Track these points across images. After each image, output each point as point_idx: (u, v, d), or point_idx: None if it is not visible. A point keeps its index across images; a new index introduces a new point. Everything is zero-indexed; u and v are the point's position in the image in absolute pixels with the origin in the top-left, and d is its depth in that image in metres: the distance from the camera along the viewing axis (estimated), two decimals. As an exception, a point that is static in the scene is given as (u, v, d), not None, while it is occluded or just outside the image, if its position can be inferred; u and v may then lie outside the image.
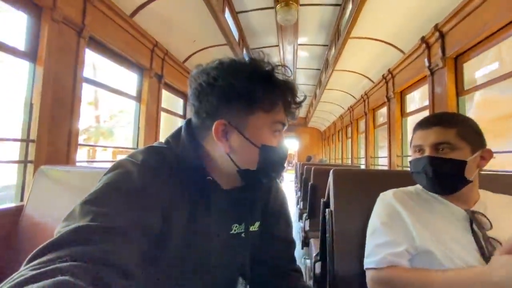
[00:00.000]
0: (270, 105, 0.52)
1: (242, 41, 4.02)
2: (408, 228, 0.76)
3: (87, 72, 1.90)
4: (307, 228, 2.26)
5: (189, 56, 3.28)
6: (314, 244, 1.71)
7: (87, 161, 2.62)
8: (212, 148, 0.55)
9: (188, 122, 0.60)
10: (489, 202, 0.77)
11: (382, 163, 4.25)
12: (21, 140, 1.50)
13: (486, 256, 0.67)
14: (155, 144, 0.59)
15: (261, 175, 0.56)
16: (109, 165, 0.52)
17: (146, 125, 2.62)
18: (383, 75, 3.41)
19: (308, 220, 2.24)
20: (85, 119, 2.18)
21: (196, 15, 2.60)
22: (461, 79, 2.05)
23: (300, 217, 2.82)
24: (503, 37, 1.62)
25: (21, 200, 1.51)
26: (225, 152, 0.53)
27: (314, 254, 1.45)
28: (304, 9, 3.29)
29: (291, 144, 12.36)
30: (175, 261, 0.51)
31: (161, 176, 0.49)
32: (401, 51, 2.79)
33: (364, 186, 1.04)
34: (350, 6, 2.74)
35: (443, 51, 2.10)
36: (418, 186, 0.88)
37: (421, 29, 2.30)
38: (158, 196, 0.47)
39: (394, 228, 0.77)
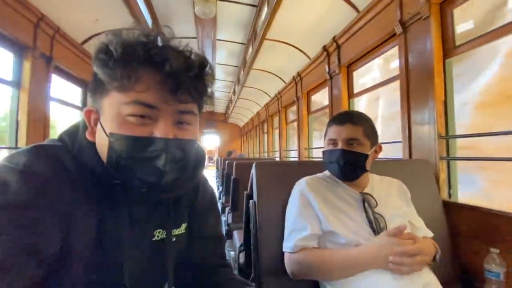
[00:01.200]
0: (126, 81, 0.40)
1: (156, 27, 3.69)
2: (316, 212, 0.90)
3: None
4: (230, 221, 2.31)
5: (90, 38, 2.78)
6: (238, 236, 1.78)
7: None
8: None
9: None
10: (375, 184, 0.99)
11: (293, 156, 4.77)
12: None
13: (374, 229, 0.86)
14: (45, 142, 0.47)
15: (119, 175, 0.44)
16: None
17: (29, 118, 2.08)
18: (293, 77, 3.80)
19: (231, 213, 2.30)
20: None
21: (98, -10, 2.22)
22: (351, 84, 2.50)
23: (223, 211, 2.86)
24: (379, 52, 2.07)
25: None
26: (91, 140, 0.46)
27: (238, 245, 1.51)
28: (223, 4, 3.29)
29: (212, 140, 12.29)
30: (83, 280, 0.43)
31: (52, 183, 0.40)
32: (308, 56, 3.17)
33: (283, 176, 1.15)
34: (265, 9, 2.92)
35: (339, 60, 2.51)
36: (326, 173, 1.04)
37: (323, 38, 2.67)
38: (50, 209, 0.38)
39: (304, 215, 0.91)
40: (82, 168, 0.44)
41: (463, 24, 1.43)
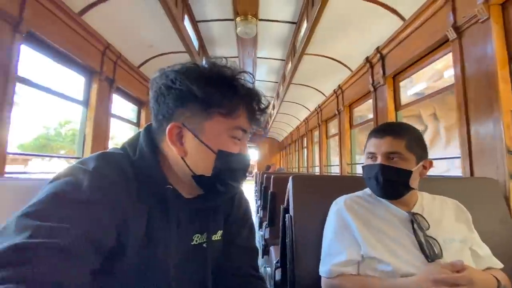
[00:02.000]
0: (229, 110, 0.51)
1: (202, 50, 4.00)
2: (355, 237, 0.82)
3: (23, 71, 1.68)
4: (267, 236, 2.27)
5: (145, 61, 3.13)
6: (274, 252, 1.73)
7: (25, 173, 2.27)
8: (168, 153, 0.53)
9: (148, 128, 0.57)
10: (425, 204, 0.88)
11: (334, 171, 4.56)
12: None
13: (427, 254, 0.75)
14: (110, 150, 0.54)
15: (217, 182, 0.53)
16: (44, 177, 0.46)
17: (93, 132, 2.39)
18: (334, 90, 3.71)
19: (268, 228, 2.26)
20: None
21: (153, 19, 2.51)
22: (398, 95, 2.34)
23: (260, 226, 2.84)
24: (426, 62, 1.92)
25: None
26: (179, 155, 0.52)
27: (274, 261, 1.47)
28: (263, 24, 3.43)
29: (252, 154, 12.48)
30: (132, 275, 0.47)
31: (115, 185, 0.45)
32: (349, 69, 3.08)
33: (321, 190, 1.10)
34: (305, 25, 2.95)
35: (384, 71, 2.39)
36: (367, 190, 0.96)
37: (365, 50, 2.58)
38: (112, 207, 0.43)
39: (341, 238, 0.84)
40: (138, 173, 0.50)
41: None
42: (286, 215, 1.09)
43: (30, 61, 1.85)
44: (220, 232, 0.63)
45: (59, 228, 0.35)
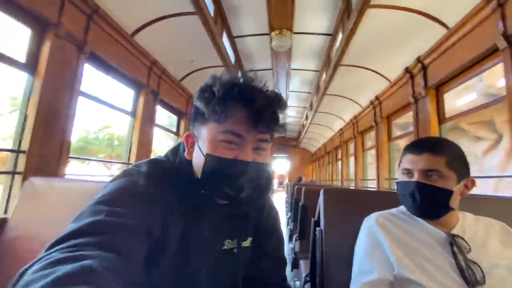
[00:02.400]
0: (221, 115, 0.51)
1: (238, 64, 4.18)
2: (387, 255, 0.78)
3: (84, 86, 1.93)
4: (297, 249, 2.24)
5: (186, 76, 3.37)
6: (304, 265, 1.70)
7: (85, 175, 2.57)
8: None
9: None
10: (467, 225, 0.81)
11: (370, 186, 4.33)
12: (11, 151, 1.48)
13: (467, 279, 0.69)
14: (156, 157, 0.62)
15: (207, 186, 0.54)
16: (101, 179, 0.55)
17: (139, 140, 2.62)
18: (371, 101, 3.58)
19: (299, 241, 2.22)
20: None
21: (194, 37, 2.72)
22: (442, 107, 2.19)
23: (290, 238, 2.80)
24: (474, 73, 1.78)
25: (5, 212, 1.46)
26: (188, 159, 0.58)
27: (304, 275, 1.45)
28: (298, 36, 3.49)
29: (283, 165, 12.42)
30: (170, 272, 0.51)
31: (162, 186, 0.52)
32: (388, 79, 2.97)
33: (354, 205, 1.08)
34: (340, 36, 2.94)
35: (425, 81, 2.26)
36: (402, 207, 0.91)
37: (405, 60, 2.48)
38: (159, 204, 0.50)
39: (372, 256, 0.80)
40: (179, 179, 0.56)
41: None
42: (317, 228, 1.09)
43: (89, 76, 2.12)
44: (249, 239, 0.65)
45: (125, 213, 0.43)
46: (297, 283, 1.73)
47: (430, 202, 0.77)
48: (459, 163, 0.78)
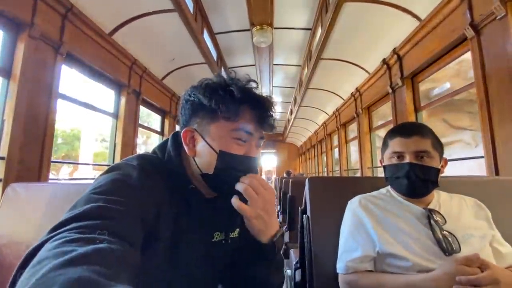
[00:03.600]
0: (231, 114, 0.55)
1: (221, 60, 4.16)
2: (370, 234, 0.85)
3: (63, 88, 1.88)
4: (287, 240, 2.30)
5: (168, 74, 3.33)
6: (294, 254, 1.76)
7: (69, 179, 2.49)
8: (188, 156, 0.61)
9: (176, 134, 0.65)
10: (442, 200, 0.88)
11: (355, 175, 4.48)
12: (-11, 158, 1.43)
13: (444, 249, 0.76)
14: (143, 153, 0.63)
15: (220, 181, 0.57)
16: (84, 183, 0.56)
17: (122, 141, 2.57)
18: (351, 93, 3.69)
19: (288, 232, 2.29)
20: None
21: (175, 34, 2.69)
22: (417, 96, 2.30)
23: (280, 230, 2.85)
24: (446, 62, 1.88)
25: (-14, 221, 1.41)
26: (189, 155, 0.59)
27: (294, 263, 1.50)
28: (279, 32, 3.52)
29: (270, 161, 12.51)
30: (163, 261, 0.53)
31: (154, 179, 0.54)
32: (367, 71, 3.07)
33: (338, 191, 1.13)
34: (319, 31, 3.00)
35: (401, 72, 2.36)
36: (382, 190, 0.98)
37: (382, 52, 2.57)
38: (152, 196, 0.52)
39: (356, 235, 0.86)
40: (169, 174, 0.58)
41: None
42: (304, 216, 1.13)
43: (67, 78, 2.06)
44: (237, 230, 0.68)
45: (122, 201, 0.44)
46: (288, 271, 1.78)
47: (424, 180, 0.84)
48: (439, 145, 0.86)
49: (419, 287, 0.70)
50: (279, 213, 3.05)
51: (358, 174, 3.76)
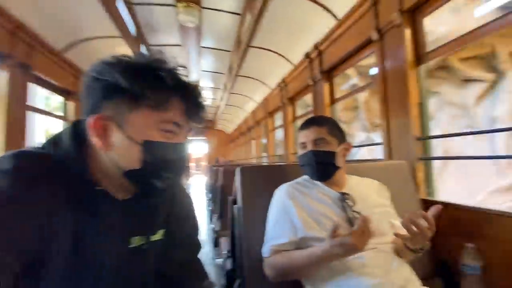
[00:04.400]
0: (158, 103, 0.48)
1: (140, 36, 3.68)
2: (294, 220, 0.92)
3: None
4: (217, 228, 2.30)
5: (71, 45, 2.73)
6: (224, 243, 1.76)
7: None
8: (94, 151, 0.50)
9: (76, 124, 0.52)
10: (354, 184, 1.02)
11: (281, 161, 4.82)
12: None
13: (354, 226, 0.88)
14: (29, 148, 0.49)
15: (149, 175, 0.50)
16: None
17: (6, 129, 2.01)
18: (278, 83, 3.87)
19: (219, 220, 2.28)
20: None
21: (79, -2, 2.20)
22: (332, 90, 2.57)
23: (211, 219, 2.84)
24: (357, 59, 2.15)
25: None
26: (102, 149, 0.48)
27: (224, 252, 1.51)
28: (207, 12, 3.33)
29: (200, 148, 12.22)
30: (60, 282, 0.44)
31: (38, 185, 0.41)
32: (292, 63, 3.25)
33: (267, 180, 1.16)
34: (248, 17, 2.97)
35: (321, 66, 2.59)
36: (305, 177, 1.07)
37: (306, 45, 2.75)
38: (34, 210, 0.40)
39: (282, 223, 0.93)
40: (64, 174, 0.46)
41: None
42: (234, 206, 1.12)
43: None
44: (161, 232, 0.61)
45: None
46: (218, 260, 1.79)
47: (322, 163, 0.94)
48: (337, 131, 0.99)
49: (316, 254, 0.79)
50: (210, 201, 3.01)
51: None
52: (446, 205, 1.29)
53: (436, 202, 1.34)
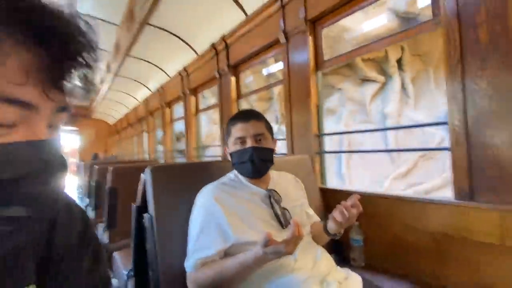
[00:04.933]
0: None
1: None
2: (223, 228, 0.82)
3: None
4: (106, 241, 1.87)
5: None
6: (120, 258, 1.44)
7: None
8: None
9: None
10: (276, 179, 1.02)
11: (180, 156, 4.52)
12: None
13: (282, 223, 0.87)
14: None
15: None
16: None
17: None
18: (179, 72, 3.56)
19: (108, 231, 1.85)
20: None
21: None
22: (239, 85, 2.59)
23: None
24: (264, 57, 2.24)
25: None
26: None
27: (123, 271, 1.22)
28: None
29: (69, 141, 9.77)
30: None
31: None
32: (196, 51, 3.04)
33: (185, 180, 1.01)
34: (146, -10, 2.54)
35: (228, 60, 2.54)
36: (230, 175, 0.99)
37: (212, 36, 2.63)
38: None
39: (209, 232, 0.82)
40: None
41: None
42: (145, 215, 0.91)
43: None
44: None
45: None
46: (115, 280, 1.45)
47: (263, 160, 0.90)
48: (269, 126, 0.96)
49: (249, 260, 0.73)
50: (90, 208, 2.42)
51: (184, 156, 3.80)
52: (338, 191, 1.54)
53: (330, 190, 1.60)
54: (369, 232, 1.31)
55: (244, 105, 2.61)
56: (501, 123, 0.94)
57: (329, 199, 1.52)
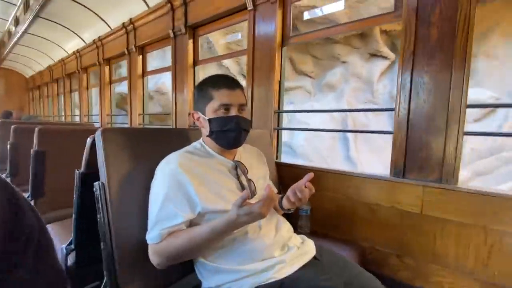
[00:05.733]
0: None
1: None
2: (191, 196, 0.79)
3: None
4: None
5: None
6: (58, 230, 1.27)
7: None
8: None
9: None
10: (242, 152, 1.01)
11: (95, 121, 4.22)
12: None
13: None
14: None
15: None
16: None
17: None
18: (123, 23, 3.08)
19: (33, 201, 1.59)
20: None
21: None
22: (197, 49, 2.40)
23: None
24: (228, 23, 2.09)
25: None
26: None
27: (62, 244, 1.08)
28: None
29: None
30: None
31: None
32: (146, 3, 2.66)
33: (141, 147, 0.91)
34: None
35: (186, 19, 2.30)
36: (195, 144, 0.94)
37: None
38: None
39: (176, 201, 0.78)
40: None
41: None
42: (95, 183, 0.80)
43: None
44: None
45: None
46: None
47: (246, 131, 0.89)
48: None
49: (220, 226, 0.73)
50: (9, 175, 2.03)
51: (98, 119, 3.88)
52: (291, 166, 1.62)
53: (285, 164, 1.68)
54: (315, 203, 1.44)
55: (201, 74, 2.44)
56: (434, 114, 1.11)
57: (283, 173, 1.59)
